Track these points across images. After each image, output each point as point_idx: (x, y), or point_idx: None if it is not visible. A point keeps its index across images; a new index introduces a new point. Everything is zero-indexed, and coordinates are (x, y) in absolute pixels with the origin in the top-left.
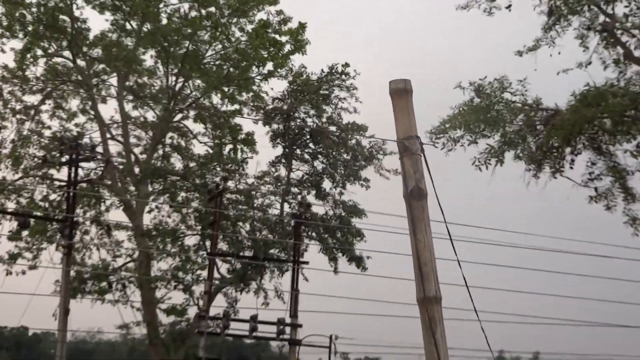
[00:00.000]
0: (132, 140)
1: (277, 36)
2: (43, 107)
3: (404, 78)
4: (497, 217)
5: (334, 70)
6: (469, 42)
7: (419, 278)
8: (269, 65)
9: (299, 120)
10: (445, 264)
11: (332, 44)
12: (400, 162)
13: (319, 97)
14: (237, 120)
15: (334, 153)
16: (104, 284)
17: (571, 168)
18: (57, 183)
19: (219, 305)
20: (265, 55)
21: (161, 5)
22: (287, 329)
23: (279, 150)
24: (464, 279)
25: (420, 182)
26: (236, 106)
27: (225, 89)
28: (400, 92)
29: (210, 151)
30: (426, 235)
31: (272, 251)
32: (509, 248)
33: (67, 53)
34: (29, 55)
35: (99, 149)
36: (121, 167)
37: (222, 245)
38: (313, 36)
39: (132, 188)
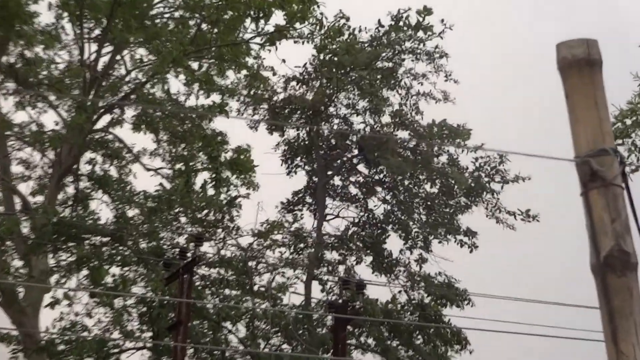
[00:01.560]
0: (17, 170)
1: None
2: None
3: (583, 38)
4: None
5: (402, 22)
6: None
7: None
8: (277, 16)
9: (338, 122)
10: None
11: None
12: (584, 201)
13: (374, 73)
14: (219, 123)
15: (407, 183)
16: None
17: None
18: None
19: None
20: None
21: None
22: None
23: (299, 180)
24: None
25: (625, 240)
26: (215, 98)
27: (195, 65)
28: (580, 65)
29: (168, 186)
30: (637, 348)
31: None
32: None
33: None
34: None
35: None
36: None
37: None
38: None
39: (17, 263)
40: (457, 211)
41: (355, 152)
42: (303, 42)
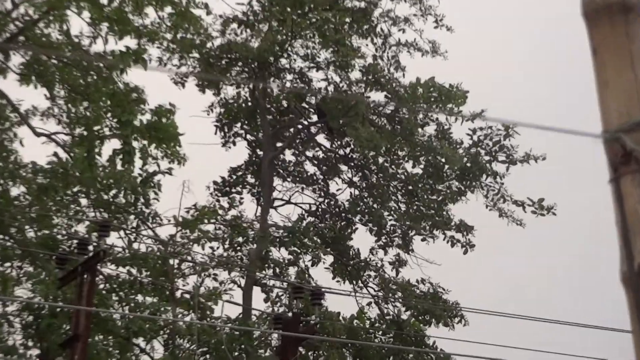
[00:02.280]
0: None
1: None
2: None
3: None
4: None
5: None
6: None
7: None
8: None
9: (292, 79)
10: None
11: None
12: (613, 191)
13: (342, 15)
14: (134, 76)
15: (382, 160)
16: None
17: None
18: None
19: None
20: None
21: None
22: None
23: (239, 154)
24: None
25: None
26: (130, 43)
27: None
28: (612, 11)
29: (65, 157)
30: None
31: None
32: None
33: None
34: None
35: None
36: None
37: None
38: None
39: None
40: (448, 199)
41: (314, 118)
42: None
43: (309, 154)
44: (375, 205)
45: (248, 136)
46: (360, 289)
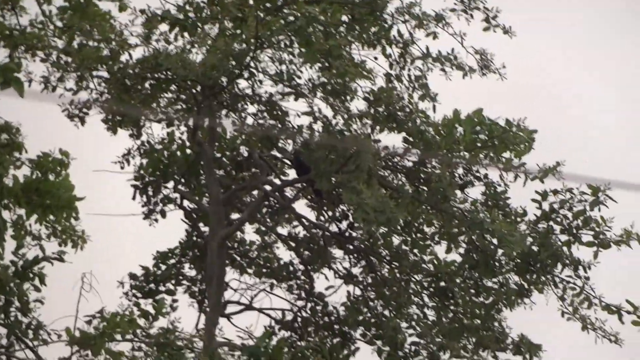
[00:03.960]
0: None
1: None
2: None
3: None
4: None
5: None
6: None
7: None
8: None
9: (251, 113)
10: None
11: None
12: None
13: (337, 10)
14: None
15: (400, 242)
16: None
17: None
18: None
19: None
20: None
21: None
22: None
23: (171, 229)
24: None
25: None
26: None
27: None
28: None
29: None
30: None
31: None
32: None
33: None
34: None
35: None
36: None
37: None
38: None
39: None
40: (502, 303)
41: (292, 175)
42: None
43: (283, 231)
44: (386, 313)
45: (186, 203)
46: None
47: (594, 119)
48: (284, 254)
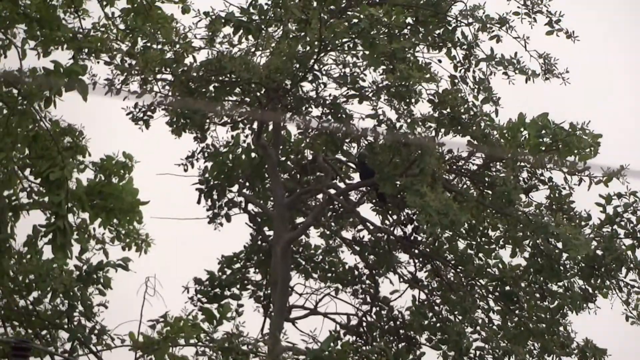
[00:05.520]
0: None
1: None
2: None
3: None
4: None
5: None
6: None
7: None
8: None
9: (315, 116)
10: None
11: None
12: None
13: (400, 12)
14: (65, 106)
15: (465, 246)
16: None
17: None
18: None
19: None
20: None
21: None
22: None
23: (235, 233)
24: None
25: None
26: (55, 54)
27: None
28: None
29: None
30: None
31: None
32: None
33: None
34: None
35: None
36: None
37: None
38: None
39: None
40: (567, 307)
41: (356, 178)
42: None
43: (347, 234)
44: (451, 317)
45: (250, 207)
46: None
47: None
48: (348, 258)
